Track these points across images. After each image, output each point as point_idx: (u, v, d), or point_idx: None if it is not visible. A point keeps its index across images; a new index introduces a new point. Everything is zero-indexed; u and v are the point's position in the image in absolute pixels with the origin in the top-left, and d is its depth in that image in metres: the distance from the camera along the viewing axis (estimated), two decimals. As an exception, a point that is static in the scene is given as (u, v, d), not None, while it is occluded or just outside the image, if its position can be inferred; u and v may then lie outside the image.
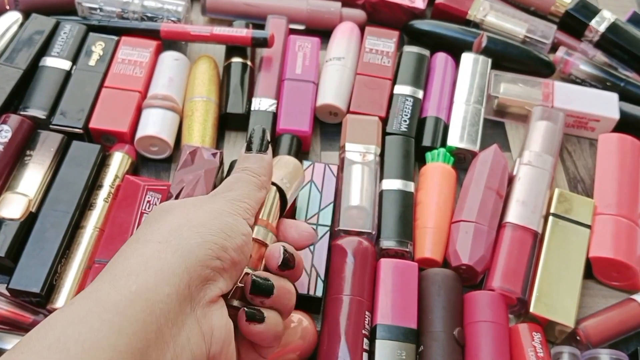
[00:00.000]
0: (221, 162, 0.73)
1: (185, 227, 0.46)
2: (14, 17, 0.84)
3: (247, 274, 0.50)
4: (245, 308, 0.49)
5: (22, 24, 0.84)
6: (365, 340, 0.63)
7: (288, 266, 0.51)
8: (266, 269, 0.52)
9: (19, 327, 0.63)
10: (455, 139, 0.79)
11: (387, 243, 0.70)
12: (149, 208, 0.70)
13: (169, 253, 0.44)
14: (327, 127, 0.83)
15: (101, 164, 0.74)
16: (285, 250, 0.51)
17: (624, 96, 0.84)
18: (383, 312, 0.64)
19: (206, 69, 0.82)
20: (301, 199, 0.72)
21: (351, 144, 0.76)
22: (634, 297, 0.68)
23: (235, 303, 0.49)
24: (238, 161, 0.55)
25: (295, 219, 0.69)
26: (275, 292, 0.49)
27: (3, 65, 0.79)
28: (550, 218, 0.72)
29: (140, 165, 0.78)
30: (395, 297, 0.65)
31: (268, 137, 0.56)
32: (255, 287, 0.49)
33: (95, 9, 0.86)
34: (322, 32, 0.89)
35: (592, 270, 0.72)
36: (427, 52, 0.87)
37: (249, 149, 0.55)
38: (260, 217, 0.53)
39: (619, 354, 0.64)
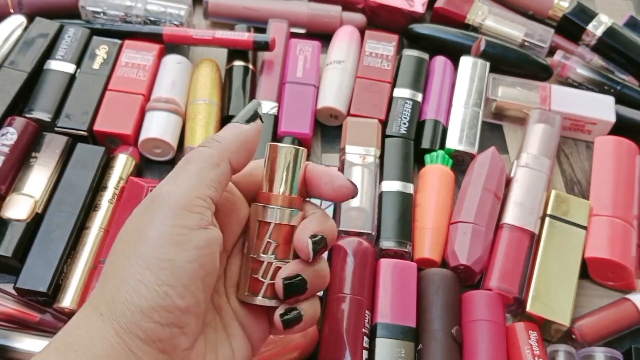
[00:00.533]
0: (223, 164, 0.74)
1: (120, 295, 0.40)
2: (18, 20, 0.85)
3: (277, 267, 0.46)
4: (280, 317, 0.45)
5: (26, 28, 0.85)
6: (365, 339, 0.64)
7: (321, 252, 0.46)
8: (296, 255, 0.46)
9: (26, 326, 0.64)
10: (453, 142, 0.80)
11: (387, 243, 0.71)
12: (152, 209, 0.71)
13: (111, 334, 0.40)
14: (328, 130, 0.84)
15: (106, 166, 0.75)
16: (313, 242, 0.45)
17: (621, 99, 0.85)
18: (383, 311, 0.66)
19: (208, 72, 0.83)
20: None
21: (351, 146, 0.77)
22: (629, 296, 0.69)
23: (265, 302, 0.46)
24: None
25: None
26: (309, 286, 0.45)
27: (8, 69, 0.80)
28: (547, 219, 0.73)
29: (143, 167, 0.79)
30: (395, 296, 0.67)
31: (261, 111, 0.48)
32: (289, 291, 0.45)
33: (98, 12, 0.87)
34: (322, 35, 0.90)
35: (587, 271, 0.73)
36: (426, 56, 0.88)
37: (235, 120, 0.47)
38: (274, 191, 0.46)
39: (613, 352, 0.65)
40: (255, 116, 0.47)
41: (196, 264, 0.41)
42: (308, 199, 0.49)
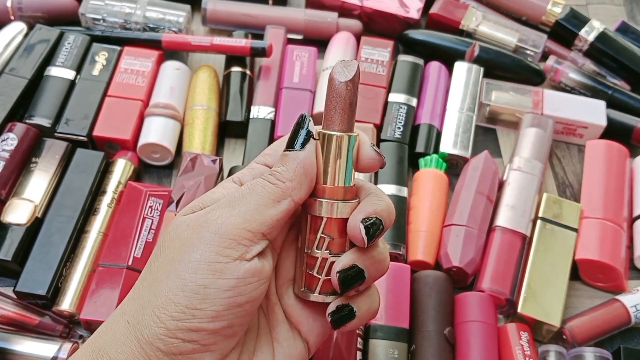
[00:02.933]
0: (221, 169, 0.75)
1: (149, 307, 0.41)
2: (18, 27, 0.86)
3: (332, 262, 0.44)
4: (329, 316, 0.45)
5: (26, 35, 0.86)
6: (359, 340, 0.65)
7: (378, 236, 0.44)
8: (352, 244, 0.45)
9: (25, 329, 0.66)
10: (447, 146, 0.81)
11: (381, 246, 0.72)
12: (150, 213, 0.72)
13: (133, 342, 0.41)
14: (324, 134, 0.85)
15: (105, 171, 0.76)
16: (366, 226, 0.43)
17: (612, 104, 0.86)
18: (376, 313, 0.67)
19: (206, 78, 0.84)
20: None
21: (346, 151, 0.78)
22: (619, 297, 0.70)
23: (318, 299, 0.46)
24: (277, 160, 0.45)
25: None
26: (367, 274, 0.44)
27: (8, 75, 0.81)
28: (539, 222, 0.74)
29: (142, 171, 0.80)
30: (389, 298, 0.68)
31: (310, 127, 0.44)
32: (345, 285, 0.44)
33: (98, 19, 0.88)
34: (319, 41, 0.91)
35: (578, 272, 0.74)
36: (421, 61, 0.89)
37: (289, 145, 0.44)
38: (325, 183, 0.44)
39: (603, 352, 0.66)
40: (308, 135, 0.44)
41: (233, 293, 0.41)
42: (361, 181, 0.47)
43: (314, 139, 0.44)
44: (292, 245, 0.48)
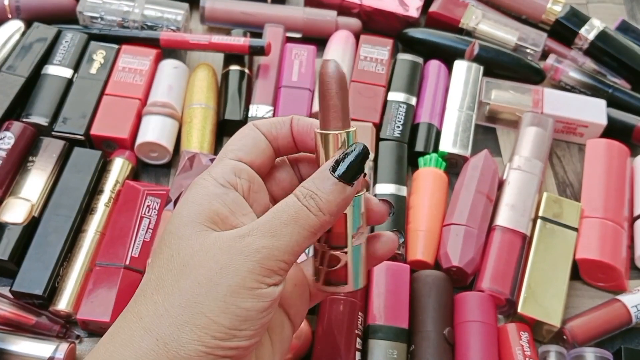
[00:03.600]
0: (219, 168, 0.75)
1: (188, 327, 0.41)
2: (16, 25, 0.86)
3: (332, 255, 0.47)
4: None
5: (24, 33, 0.86)
6: (358, 340, 0.65)
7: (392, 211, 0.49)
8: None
9: (22, 329, 0.65)
10: (447, 145, 0.80)
11: (380, 246, 0.72)
12: (148, 212, 0.71)
13: (164, 359, 0.41)
14: (323, 133, 0.84)
15: (102, 170, 0.75)
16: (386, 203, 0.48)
17: (612, 102, 0.86)
18: (376, 313, 0.66)
19: (205, 77, 0.84)
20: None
21: (345, 150, 0.77)
22: (619, 297, 0.70)
23: (331, 289, 0.48)
24: (313, 176, 0.44)
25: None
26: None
27: (5, 73, 0.80)
28: (539, 221, 0.74)
29: (140, 170, 0.80)
30: (388, 298, 0.67)
31: (366, 166, 0.44)
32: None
33: (96, 18, 0.88)
34: (318, 40, 0.91)
35: (578, 272, 0.74)
36: (420, 60, 0.88)
37: (336, 170, 0.43)
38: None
39: (603, 352, 0.66)
40: (361, 172, 0.44)
41: (267, 313, 0.42)
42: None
43: (365, 175, 0.44)
44: None
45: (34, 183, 0.72)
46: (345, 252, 0.46)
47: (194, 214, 0.44)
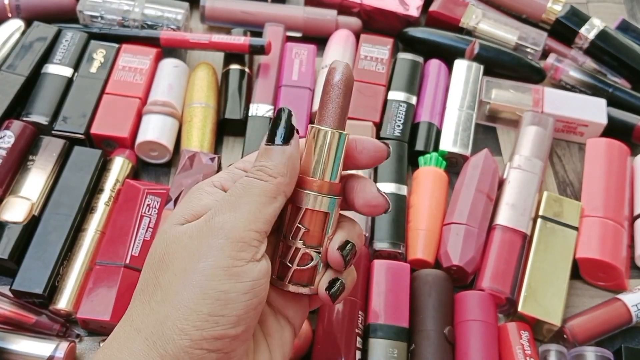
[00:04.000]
0: (219, 167, 0.75)
1: (170, 321, 0.40)
2: (16, 24, 0.86)
3: (305, 253, 0.46)
4: (327, 291, 0.46)
5: (24, 32, 0.86)
6: (359, 339, 0.65)
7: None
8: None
9: (22, 328, 0.65)
10: (447, 144, 0.80)
11: (380, 245, 0.72)
12: (148, 211, 0.71)
13: (156, 357, 0.40)
14: (323, 132, 0.84)
15: (102, 169, 0.75)
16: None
17: (613, 102, 0.86)
18: (376, 312, 0.66)
19: (205, 76, 0.84)
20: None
21: (346, 149, 0.77)
22: (620, 296, 0.70)
23: (291, 289, 0.46)
24: (257, 155, 0.45)
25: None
26: (357, 249, 0.47)
27: (6, 72, 0.80)
28: (539, 220, 0.74)
29: (140, 169, 0.80)
30: (388, 297, 0.67)
31: (294, 122, 0.45)
32: (347, 259, 0.46)
33: (96, 17, 0.88)
34: (318, 39, 0.91)
35: (579, 271, 0.74)
36: (420, 59, 0.88)
37: (270, 139, 0.45)
38: (310, 175, 0.45)
39: (604, 351, 0.66)
40: (291, 129, 0.45)
41: (250, 295, 0.41)
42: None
43: (297, 132, 0.45)
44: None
45: (34, 182, 0.72)
46: (319, 252, 0.46)
47: (179, 211, 0.45)
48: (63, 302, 0.66)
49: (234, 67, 0.85)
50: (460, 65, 0.87)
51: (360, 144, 0.47)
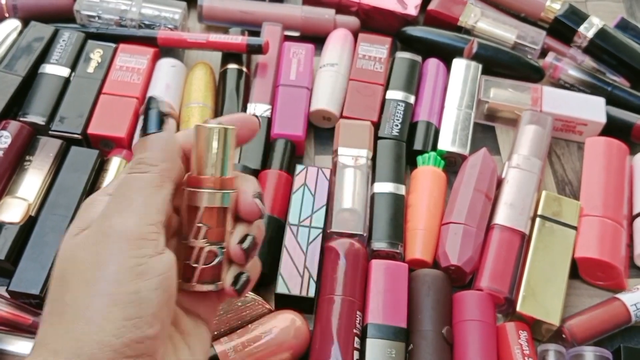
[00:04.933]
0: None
1: (87, 337, 0.38)
2: (13, 24, 0.86)
3: (210, 251, 0.45)
4: (233, 287, 0.46)
5: (21, 32, 0.85)
6: (356, 339, 0.64)
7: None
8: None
9: (19, 329, 0.65)
10: (446, 143, 0.80)
11: (378, 245, 0.72)
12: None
13: None
14: (321, 132, 0.84)
15: (99, 169, 0.75)
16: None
17: (612, 100, 0.86)
18: (374, 312, 0.66)
19: (202, 75, 0.84)
20: (295, 202, 0.73)
21: (344, 148, 0.77)
22: (618, 296, 0.69)
23: (203, 288, 0.45)
24: (134, 150, 0.45)
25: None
26: (258, 241, 0.47)
27: (2, 72, 0.80)
28: (538, 220, 0.73)
29: (137, 169, 0.79)
30: (386, 297, 0.67)
31: (164, 108, 0.46)
32: (248, 252, 0.46)
33: (93, 16, 0.88)
34: (316, 38, 0.91)
35: (577, 270, 0.73)
36: (419, 58, 0.88)
37: (144, 130, 0.45)
38: (202, 173, 0.45)
39: (603, 351, 0.65)
40: (162, 116, 0.45)
41: (160, 291, 0.40)
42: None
43: (170, 117, 0.46)
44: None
45: (31, 182, 0.72)
46: (223, 248, 0.46)
47: (74, 224, 0.43)
48: (60, 303, 0.66)
49: (232, 66, 0.85)
50: (459, 64, 0.87)
51: (237, 123, 0.47)
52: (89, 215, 0.43)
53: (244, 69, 0.85)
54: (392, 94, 0.84)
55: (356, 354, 0.64)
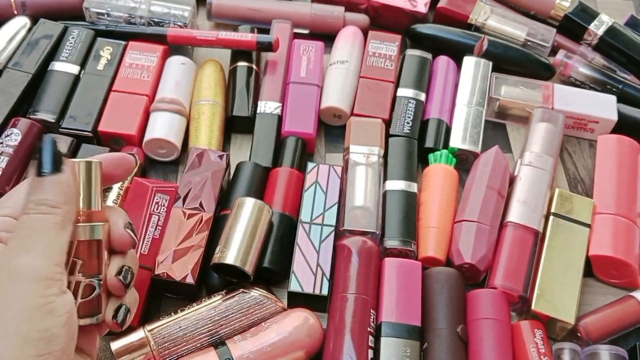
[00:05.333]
0: (228, 164, 0.74)
1: None
2: (21, 22, 0.86)
3: (87, 284, 0.45)
4: (115, 320, 0.47)
5: (30, 29, 0.85)
6: (371, 338, 0.64)
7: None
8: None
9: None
10: (457, 141, 0.80)
11: (391, 242, 0.71)
12: (157, 209, 0.71)
13: None
14: (331, 130, 0.84)
15: (110, 167, 0.75)
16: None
17: (622, 98, 0.85)
18: (388, 310, 0.66)
19: (212, 73, 0.83)
20: (306, 200, 0.73)
21: (355, 146, 0.77)
22: (633, 294, 0.69)
23: (87, 322, 0.46)
24: (29, 191, 0.44)
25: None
26: (135, 271, 0.48)
27: (12, 70, 0.80)
28: (551, 217, 0.73)
29: (148, 167, 0.79)
30: (400, 295, 0.67)
31: (61, 149, 0.48)
32: (127, 281, 0.47)
33: (102, 14, 0.87)
34: (325, 36, 0.90)
35: (592, 269, 0.73)
36: (429, 56, 0.88)
37: (40, 171, 0.44)
38: (77, 208, 0.45)
39: (618, 349, 0.65)
40: (59, 156, 0.44)
41: (67, 327, 0.41)
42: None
43: (67, 157, 0.46)
44: None
45: (42, 180, 0.71)
46: (100, 280, 0.46)
47: None
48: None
49: (242, 64, 0.84)
50: (469, 62, 0.87)
51: (111, 162, 0.48)
52: None
53: (254, 67, 0.85)
54: (402, 92, 0.84)
55: (370, 353, 0.63)
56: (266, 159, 0.77)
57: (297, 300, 0.67)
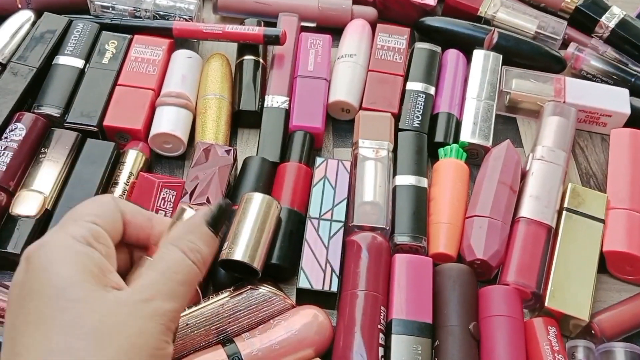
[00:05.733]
0: (235, 159, 0.73)
1: None
2: (25, 15, 0.85)
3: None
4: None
5: (34, 23, 0.84)
6: (381, 335, 0.63)
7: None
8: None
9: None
10: (467, 135, 0.79)
11: (401, 238, 0.70)
12: (164, 205, 0.70)
13: None
14: (339, 124, 0.83)
15: (116, 162, 0.74)
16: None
17: (635, 91, 0.84)
18: (398, 307, 0.65)
19: (219, 67, 0.82)
20: (315, 195, 0.72)
21: (364, 140, 0.76)
22: (648, 290, 0.68)
23: None
24: (188, 230, 0.46)
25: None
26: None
27: (16, 64, 0.79)
28: (564, 212, 0.72)
29: (154, 162, 0.78)
30: (410, 292, 0.66)
31: (227, 208, 0.48)
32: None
33: (107, 7, 0.86)
34: (333, 29, 0.89)
35: (605, 265, 0.72)
36: (438, 49, 0.87)
37: (214, 225, 0.46)
38: None
39: (633, 347, 0.64)
40: (226, 213, 0.47)
41: None
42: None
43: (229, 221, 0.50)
44: None
45: (47, 175, 0.71)
46: None
47: (76, 274, 0.41)
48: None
49: (248, 57, 0.83)
50: (479, 55, 0.86)
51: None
52: (94, 268, 0.42)
53: (261, 60, 0.84)
54: (412, 85, 0.83)
55: (381, 350, 0.62)
56: (274, 154, 0.76)
57: (306, 297, 0.66)
